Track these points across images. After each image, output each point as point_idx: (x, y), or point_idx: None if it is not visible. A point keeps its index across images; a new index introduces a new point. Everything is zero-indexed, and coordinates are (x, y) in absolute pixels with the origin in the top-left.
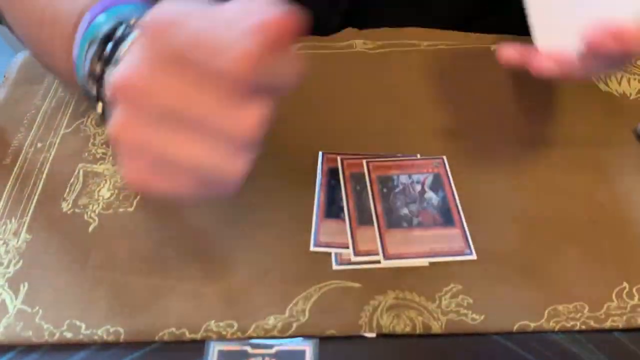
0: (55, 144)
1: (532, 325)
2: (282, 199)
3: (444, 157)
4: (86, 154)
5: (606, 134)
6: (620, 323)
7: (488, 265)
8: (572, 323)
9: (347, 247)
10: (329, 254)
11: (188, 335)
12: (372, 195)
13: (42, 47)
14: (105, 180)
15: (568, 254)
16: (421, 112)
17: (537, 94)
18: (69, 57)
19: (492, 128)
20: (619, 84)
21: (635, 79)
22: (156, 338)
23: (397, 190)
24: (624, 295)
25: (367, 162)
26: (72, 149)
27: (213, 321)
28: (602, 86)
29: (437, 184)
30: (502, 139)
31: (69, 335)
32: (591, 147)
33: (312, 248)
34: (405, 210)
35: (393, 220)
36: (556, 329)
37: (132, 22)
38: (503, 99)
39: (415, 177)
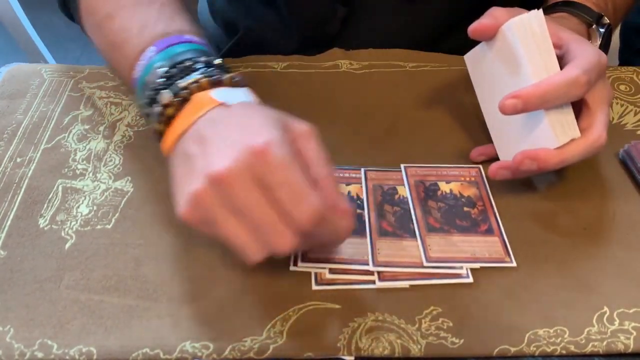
0: (35, 159)
1: (512, 349)
2: None
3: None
4: (66, 170)
5: (589, 158)
6: (600, 348)
7: (468, 289)
8: (552, 348)
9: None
10: (309, 273)
11: (162, 357)
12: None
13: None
14: (85, 197)
15: (549, 278)
16: (406, 131)
17: None
18: (130, 78)
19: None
20: None
21: (617, 103)
22: (130, 359)
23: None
24: (605, 320)
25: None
26: (52, 164)
27: (189, 342)
28: None
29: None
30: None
31: (40, 355)
32: (574, 171)
33: (291, 268)
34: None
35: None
36: (536, 353)
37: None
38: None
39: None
